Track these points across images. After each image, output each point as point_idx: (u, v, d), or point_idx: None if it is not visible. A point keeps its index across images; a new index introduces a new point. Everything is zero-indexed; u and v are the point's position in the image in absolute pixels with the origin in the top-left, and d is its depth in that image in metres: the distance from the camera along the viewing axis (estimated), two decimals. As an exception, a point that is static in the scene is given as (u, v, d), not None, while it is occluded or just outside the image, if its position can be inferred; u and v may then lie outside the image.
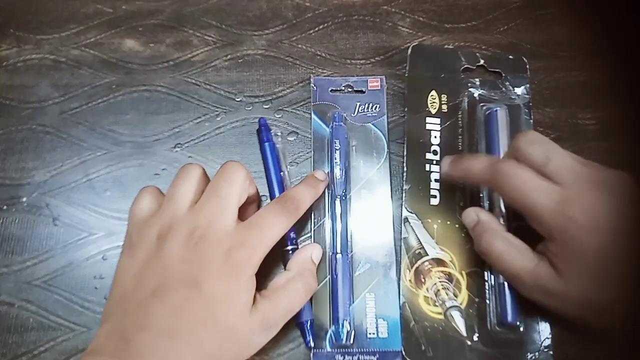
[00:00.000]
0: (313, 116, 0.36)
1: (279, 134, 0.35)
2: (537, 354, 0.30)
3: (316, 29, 0.40)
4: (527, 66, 0.37)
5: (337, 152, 0.33)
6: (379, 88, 0.37)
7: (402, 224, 0.33)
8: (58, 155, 0.35)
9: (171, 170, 0.35)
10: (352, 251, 0.32)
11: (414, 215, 0.33)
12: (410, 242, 0.32)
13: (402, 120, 0.37)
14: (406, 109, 0.36)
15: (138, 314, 0.23)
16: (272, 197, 0.33)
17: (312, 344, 0.29)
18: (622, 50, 0.39)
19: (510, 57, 0.38)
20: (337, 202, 0.32)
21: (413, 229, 0.32)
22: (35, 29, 0.39)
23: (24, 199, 0.33)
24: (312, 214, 0.33)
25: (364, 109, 0.36)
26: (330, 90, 0.36)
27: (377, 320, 0.30)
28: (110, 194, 0.34)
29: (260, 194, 0.33)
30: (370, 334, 0.30)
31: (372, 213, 0.33)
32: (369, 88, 0.37)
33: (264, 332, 0.26)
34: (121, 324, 0.24)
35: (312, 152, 0.35)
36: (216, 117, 0.36)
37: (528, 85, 0.36)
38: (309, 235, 0.33)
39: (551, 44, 0.39)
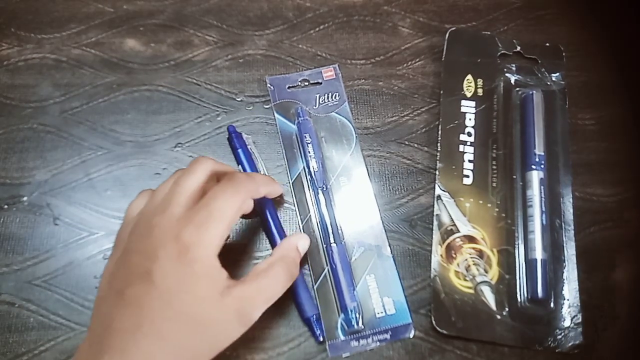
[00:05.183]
0: (276, 115, 0.36)
1: (250, 137, 0.35)
2: (566, 330, 0.30)
3: (317, 29, 0.40)
4: (564, 53, 0.38)
5: (310, 145, 0.34)
6: (335, 77, 0.37)
7: (435, 201, 0.33)
8: (59, 154, 0.35)
9: (172, 170, 0.35)
10: (343, 238, 0.32)
11: (446, 193, 0.34)
12: (442, 219, 0.33)
13: (401, 120, 0.37)
14: (442, 92, 0.37)
15: (105, 315, 0.23)
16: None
17: (321, 339, 0.30)
18: (622, 50, 0.39)
19: (547, 44, 0.38)
20: (320, 194, 0.33)
21: (445, 207, 0.33)
22: (37, 29, 0.39)
23: (25, 198, 0.34)
24: (298, 211, 0.33)
25: (324, 99, 0.36)
26: (288, 87, 0.37)
27: (382, 299, 0.31)
28: (111, 194, 0.34)
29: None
30: (378, 313, 0.31)
31: (354, 198, 0.34)
32: (324, 79, 0.37)
33: (240, 318, 0.24)
34: (94, 327, 0.24)
35: (283, 151, 0.35)
36: (217, 117, 0.36)
37: (564, 72, 0.37)
38: (299, 231, 0.33)
39: (551, 45, 0.39)
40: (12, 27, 0.39)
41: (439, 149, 0.35)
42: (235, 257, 0.32)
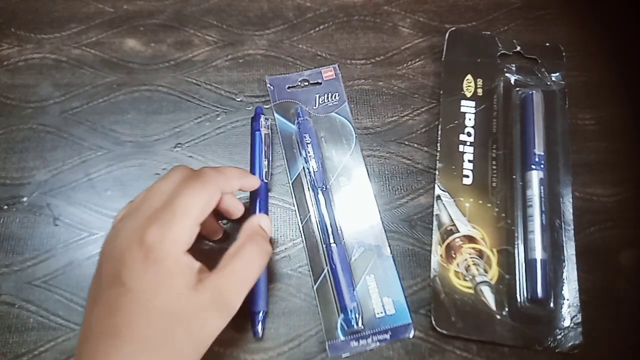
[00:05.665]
0: (276, 115, 0.36)
1: (269, 119, 0.35)
2: (565, 330, 0.30)
3: (317, 29, 0.40)
4: (564, 54, 0.38)
5: (309, 145, 0.34)
6: (334, 77, 0.37)
7: (435, 201, 0.33)
8: (59, 154, 0.35)
9: (172, 170, 0.35)
10: (343, 238, 0.32)
11: (446, 193, 0.34)
12: (442, 219, 0.33)
13: (401, 120, 0.37)
14: (442, 92, 0.37)
15: (87, 323, 0.24)
16: None
17: (259, 335, 0.30)
18: (622, 50, 0.39)
19: (547, 44, 0.38)
20: (320, 194, 0.33)
21: (445, 207, 0.33)
22: (37, 29, 0.39)
23: (25, 199, 0.34)
24: (298, 211, 0.33)
25: (324, 99, 0.36)
26: (288, 87, 0.37)
27: (382, 300, 0.31)
28: (111, 194, 0.34)
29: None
30: (378, 313, 0.31)
31: (354, 198, 0.34)
32: (324, 79, 0.37)
33: (219, 307, 0.24)
34: (81, 335, 0.24)
35: (283, 151, 0.35)
36: (217, 117, 0.36)
37: (564, 72, 0.37)
38: (298, 232, 0.33)
39: (551, 45, 0.39)
40: (12, 27, 0.39)
41: (438, 149, 0.35)
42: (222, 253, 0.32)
